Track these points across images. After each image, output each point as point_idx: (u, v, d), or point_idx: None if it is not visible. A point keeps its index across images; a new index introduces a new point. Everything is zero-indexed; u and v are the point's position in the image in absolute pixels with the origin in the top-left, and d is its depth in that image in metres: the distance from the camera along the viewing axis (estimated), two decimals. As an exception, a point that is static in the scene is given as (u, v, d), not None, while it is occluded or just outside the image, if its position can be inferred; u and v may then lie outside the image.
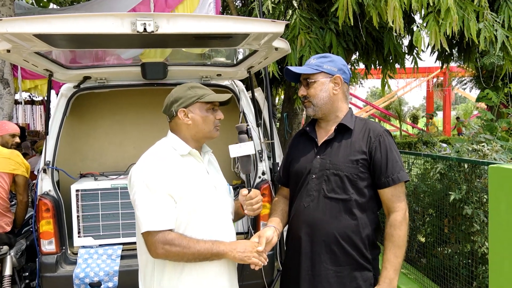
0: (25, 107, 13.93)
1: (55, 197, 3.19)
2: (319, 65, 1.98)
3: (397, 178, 1.89)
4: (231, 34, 2.30)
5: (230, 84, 3.76)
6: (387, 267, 1.87)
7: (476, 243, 2.96)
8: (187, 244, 1.72)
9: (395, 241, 1.88)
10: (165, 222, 1.72)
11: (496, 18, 4.44)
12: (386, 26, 4.54)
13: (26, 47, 2.40)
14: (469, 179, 3.04)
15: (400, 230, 1.89)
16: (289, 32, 4.72)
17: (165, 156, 1.80)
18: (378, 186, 1.92)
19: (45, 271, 3.11)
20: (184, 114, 1.85)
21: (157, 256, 1.73)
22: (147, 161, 1.80)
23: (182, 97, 1.86)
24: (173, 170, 1.77)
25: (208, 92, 1.89)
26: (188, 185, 1.78)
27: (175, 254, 1.72)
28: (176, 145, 1.86)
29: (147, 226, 1.71)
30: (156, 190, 1.72)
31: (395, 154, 1.93)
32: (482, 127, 4.02)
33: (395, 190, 1.90)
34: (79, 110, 4.09)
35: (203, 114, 1.87)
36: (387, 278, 1.86)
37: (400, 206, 1.91)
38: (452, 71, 15.69)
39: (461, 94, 26.18)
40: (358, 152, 1.92)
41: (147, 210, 1.72)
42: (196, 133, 1.88)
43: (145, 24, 2.07)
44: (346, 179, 1.90)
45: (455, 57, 6.66)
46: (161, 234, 1.71)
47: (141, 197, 1.73)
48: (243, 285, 3.28)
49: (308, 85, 2.00)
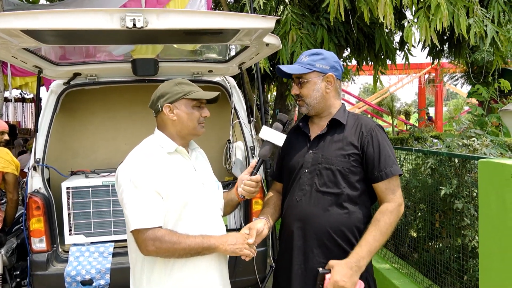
0: (16, 105, 13.81)
1: (46, 195, 3.17)
2: (311, 64, 1.97)
3: (389, 172, 1.88)
4: (222, 30, 2.29)
5: (221, 80, 3.76)
6: (362, 245, 1.82)
7: (467, 237, 2.98)
8: (178, 239, 1.72)
9: (380, 226, 1.84)
10: (154, 219, 1.71)
11: (486, 14, 4.47)
12: (377, 22, 4.54)
13: (14, 43, 2.38)
14: (459, 174, 3.06)
15: (388, 218, 1.86)
16: (280, 28, 4.71)
17: (152, 154, 1.80)
18: (371, 180, 1.92)
19: (36, 270, 3.09)
20: (169, 110, 1.85)
21: (148, 253, 1.73)
22: (133, 159, 1.79)
23: (169, 92, 1.85)
24: (160, 168, 1.76)
25: (195, 89, 1.88)
26: (175, 182, 1.78)
27: (166, 250, 1.71)
28: (163, 142, 1.85)
29: (136, 223, 1.70)
30: (143, 188, 1.71)
31: (388, 148, 1.93)
32: (472, 122, 4.05)
33: (389, 184, 1.90)
34: (69, 107, 4.06)
35: (189, 111, 1.86)
36: (358, 254, 1.79)
37: (394, 198, 1.89)
38: (444, 67, 15.78)
39: (452, 90, 26.36)
40: (350, 146, 1.92)
41: (135, 208, 1.71)
42: (181, 129, 1.87)
43: (134, 19, 2.05)
44: (338, 173, 1.90)
45: (446, 53, 6.70)
46: (151, 231, 1.70)
47: (129, 195, 1.73)
48: (236, 281, 3.30)
49: (300, 84, 1.99)
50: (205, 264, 1.84)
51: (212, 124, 4.29)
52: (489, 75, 8.34)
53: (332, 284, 1.74)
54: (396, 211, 1.88)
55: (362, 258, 1.79)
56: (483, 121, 4.11)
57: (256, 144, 3.61)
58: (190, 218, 1.81)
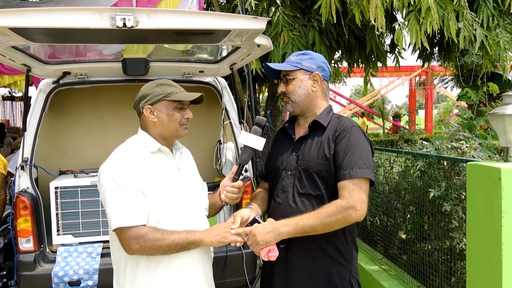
0: (5, 103, 13.67)
1: (33, 194, 3.13)
2: (299, 62, 1.99)
3: (348, 173, 1.81)
4: (213, 30, 2.29)
5: (212, 81, 3.75)
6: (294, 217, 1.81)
7: (455, 239, 3.01)
8: (162, 236, 1.71)
9: (320, 212, 1.78)
10: (137, 217, 1.70)
11: (475, 18, 4.52)
12: (369, 24, 4.57)
13: (2, 41, 2.35)
14: (448, 176, 3.08)
15: (331, 209, 1.78)
16: (272, 29, 4.71)
17: (134, 153, 1.79)
18: (335, 179, 1.87)
19: (23, 270, 3.05)
20: (150, 111, 1.83)
21: (132, 252, 1.72)
22: (116, 158, 1.78)
23: (149, 94, 1.84)
24: (142, 166, 1.75)
25: (177, 90, 1.86)
26: (158, 181, 1.78)
27: (151, 247, 1.71)
28: (146, 142, 1.85)
29: (119, 222, 1.69)
30: (126, 186, 1.70)
31: (356, 150, 1.86)
32: (461, 125, 4.09)
33: (348, 185, 1.80)
34: (58, 106, 4.02)
35: (169, 112, 1.84)
36: (285, 221, 1.80)
37: (347, 198, 1.79)
38: (434, 70, 15.91)
39: (442, 93, 26.57)
40: (327, 148, 1.91)
41: (118, 207, 1.70)
42: (162, 131, 1.86)
43: (124, 19, 2.04)
44: (316, 175, 1.90)
45: (436, 56, 6.75)
46: (134, 230, 1.69)
47: (111, 194, 1.72)
48: (225, 282, 3.29)
49: (287, 82, 2.01)
50: (189, 261, 1.83)
51: (202, 124, 4.28)
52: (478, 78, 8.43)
53: (252, 232, 1.82)
54: (344, 211, 1.77)
55: (286, 225, 1.80)
56: (472, 124, 4.16)
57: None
58: (173, 218, 1.80)
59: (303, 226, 1.79)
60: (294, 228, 1.80)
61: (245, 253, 3.33)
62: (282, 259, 1.93)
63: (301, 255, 1.92)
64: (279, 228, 1.80)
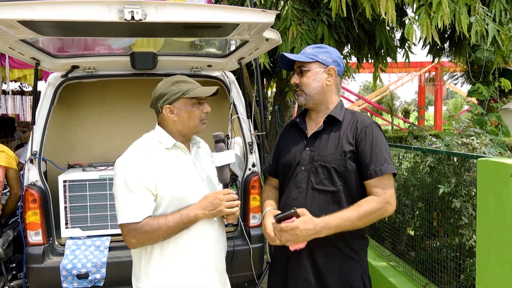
0: (15, 98, 13.80)
1: (42, 187, 3.15)
2: (315, 55, 1.97)
3: (379, 170, 1.85)
4: (221, 24, 2.27)
5: (220, 75, 3.73)
6: (336, 217, 1.78)
7: (464, 236, 2.98)
8: (157, 225, 1.74)
9: (360, 210, 1.80)
10: (138, 214, 1.74)
11: (487, 12, 4.44)
12: (379, 18, 4.52)
13: (11, 34, 2.35)
14: (458, 173, 3.05)
15: (371, 207, 1.81)
16: (281, 24, 4.68)
17: (149, 149, 1.81)
18: (363, 177, 1.90)
19: (32, 262, 3.08)
20: (169, 111, 1.85)
21: (132, 246, 1.78)
22: (129, 154, 1.80)
23: (167, 93, 1.84)
24: (154, 163, 1.77)
25: (193, 86, 1.86)
26: (171, 178, 1.79)
27: (148, 239, 1.75)
28: (162, 138, 1.86)
29: (121, 218, 1.75)
30: (132, 183, 1.73)
31: (381, 146, 1.90)
32: (472, 121, 4.04)
33: (379, 182, 1.86)
34: (67, 99, 4.04)
35: (189, 110, 1.85)
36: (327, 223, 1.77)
37: (383, 195, 1.84)
38: (444, 65, 15.75)
39: (452, 89, 26.33)
40: (346, 144, 1.91)
41: (122, 203, 1.75)
42: (182, 128, 1.88)
43: (132, 12, 2.03)
44: (333, 171, 1.89)
45: (446, 51, 6.67)
46: (132, 225, 1.74)
47: (119, 190, 1.76)
48: (232, 277, 3.28)
49: (301, 73, 1.98)
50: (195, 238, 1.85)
51: (210, 119, 4.25)
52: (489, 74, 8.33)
53: (291, 227, 1.75)
54: (381, 207, 1.83)
55: (327, 227, 1.78)
56: (482, 120, 4.10)
57: (255, 140, 3.59)
58: None
59: (344, 227, 1.80)
60: (335, 230, 1.80)
61: (252, 248, 3.33)
62: (294, 255, 1.92)
63: (314, 251, 1.90)
64: (320, 231, 1.78)
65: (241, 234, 3.42)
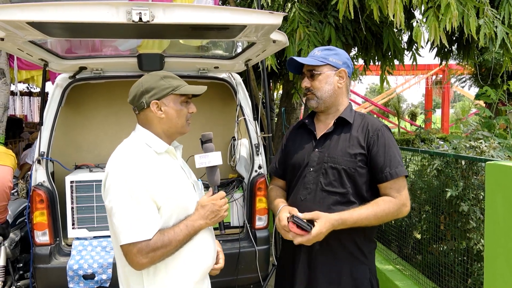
0: (23, 99, 13.90)
1: (50, 188, 3.17)
2: (325, 57, 1.96)
3: (394, 172, 1.86)
4: (228, 25, 2.28)
5: (227, 77, 3.74)
6: (353, 214, 1.80)
7: (472, 240, 2.95)
8: (168, 239, 1.59)
9: (377, 209, 1.82)
10: (149, 230, 1.56)
11: (496, 15, 4.41)
12: (386, 21, 4.50)
13: (20, 35, 2.37)
14: (466, 176, 3.03)
15: (388, 207, 1.84)
16: (288, 26, 4.67)
17: (143, 156, 1.63)
18: (376, 181, 1.90)
19: (39, 262, 3.09)
20: (157, 107, 1.68)
21: (142, 266, 1.58)
22: (127, 161, 1.61)
23: (155, 87, 1.68)
24: (153, 172, 1.61)
25: (183, 83, 1.73)
26: (170, 185, 1.65)
27: (161, 255, 1.59)
28: (150, 141, 1.70)
29: (130, 237, 1.54)
30: (139, 197, 1.55)
31: (394, 149, 1.91)
32: (480, 124, 4.01)
33: (394, 184, 1.88)
34: (74, 100, 4.06)
35: (177, 107, 1.71)
36: (344, 221, 1.78)
37: (398, 196, 1.87)
38: (451, 68, 15.66)
39: (459, 92, 26.18)
40: (357, 146, 1.90)
41: (129, 220, 1.54)
42: (169, 127, 1.72)
43: (140, 13, 2.04)
44: (343, 172, 1.88)
45: (454, 54, 6.62)
46: (144, 243, 1.55)
47: (122, 205, 1.55)
48: (238, 279, 3.29)
49: (312, 77, 1.97)
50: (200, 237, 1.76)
51: (217, 120, 4.28)
52: (497, 77, 8.26)
53: (317, 234, 1.75)
54: (398, 209, 1.87)
55: (343, 224, 1.80)
56: (491, 123, 4.07)
57: (261, 142, 3.59)
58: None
59: (361, 225, 1.82)
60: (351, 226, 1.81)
61: (258, 250, 3.32)
62: (302, 257, 1.91)
63: (322, 253, 1.90)
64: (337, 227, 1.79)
65: (247, 236, 3.42)
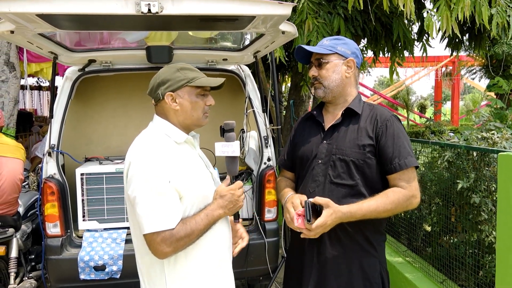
0: (32, 93, 13.99)
1: (60, 180, 3.19)
2: (333, 46, 1.94)
3: (404, 163, 1.83)
4: (237, 16, 2.26)
5: (236, 69, 3.72)
6: (362, 207, 1.78)
7: (484, 232, 2.93)
8: (190, 229, 1.61)
9: (386, 201, 1.80)
10: (173, 219, 1.59)
11: (509, 4, 4.34)
12: (396, 11, 4.45)
13: (30, 28, 2.38)
14: (477, 168, 2.99)
15: (397, 198, 1.81)
16: (297, 17, 4.64)
17: (164, 146, 1.66)
18: (385, 172, 1.87)
19: (50, 254, 3.12)
20: (171, 99, 1.70)
21: (165, 255, 1.60)
22: (148, 151, 1.63)
23: (170, 79, 1.70)
24: (175, 162, 1.63)
25: (199, 75, 1.73)
26: (192, 175, 1.68)
27: (183, 244, 1.61)
28: (169, 131, 1.72)
29: (153, 226, 1.56)
30: (162, 186, 1.57)
31: (403, 139, 1.88)
32: (492, 115, 3.96)
33: (403, 175, 1.85)
34: (84, 93, 4.08)
35: (193, 99, 1.71)
36: (353, 214, 1.77)
37: (408, 187, 1.84)
38: (461, 60, 15.48)
39: (469, 84, 25.89)
40: (365, 137, 1.88)
41: (153, 209, 1.57)
42: (184, 119, 1.73)
43: (149, 4, 2.03)
44: (352, 164, 1.86)
45: (465, 45, 6.54)
46: (168, 232, 1.57)
47: (144, 193, 1.57)
48: (247, 271, 3.30)
49: (320, 66, 1.95)
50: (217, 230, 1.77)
51: (225, 113, 4.27)
52: (509, 68, 8.16)
53: (321, 224, 1.73)
54: (407, 200, 1.83)
55: (352, 217, 1.78)
56: (503, 114, 4.02)
57: (270, 134, 3.58)
58: None
59: (369, 217, 1.80)
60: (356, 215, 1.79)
61: (267, 242, 3.33)
62: (311, 250, 1.91)
63: (331, 245, 1.89)
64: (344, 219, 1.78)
65: (256, 228, 3.42)
